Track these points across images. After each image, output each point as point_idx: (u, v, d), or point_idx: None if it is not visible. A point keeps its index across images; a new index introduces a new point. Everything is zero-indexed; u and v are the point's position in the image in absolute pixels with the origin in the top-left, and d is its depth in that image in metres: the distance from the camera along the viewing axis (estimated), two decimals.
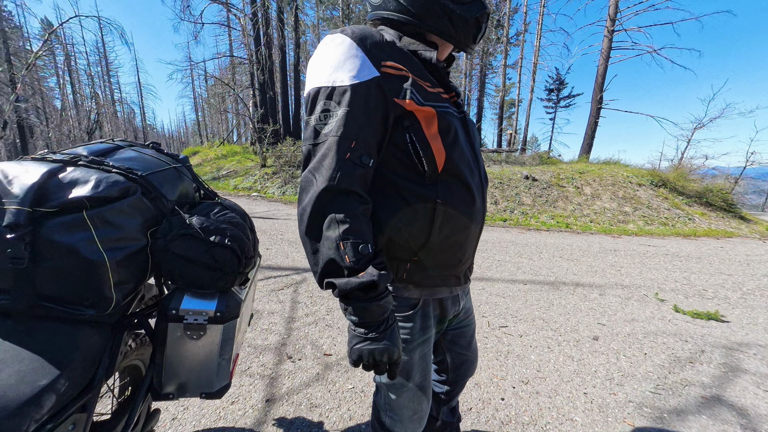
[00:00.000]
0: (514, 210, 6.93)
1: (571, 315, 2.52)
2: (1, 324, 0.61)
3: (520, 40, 16.97)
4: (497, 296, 2.82)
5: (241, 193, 8.64)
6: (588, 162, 10.35)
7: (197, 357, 0.78)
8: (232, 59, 18.73)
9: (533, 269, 3.58)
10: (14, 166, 0.63)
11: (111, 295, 0.66)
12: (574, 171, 8.38)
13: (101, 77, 28.51)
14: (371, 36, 0.59)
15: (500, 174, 8.17)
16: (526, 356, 1.95)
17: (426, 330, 0.74)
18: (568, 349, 2.05)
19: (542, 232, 5.74)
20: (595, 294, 2.96)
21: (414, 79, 0.61)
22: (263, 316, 2.28)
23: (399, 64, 0.60)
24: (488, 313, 2.49)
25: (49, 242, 0.60)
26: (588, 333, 2.26)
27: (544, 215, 6.76)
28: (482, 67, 17.82)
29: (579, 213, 6.86)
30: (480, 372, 1.78)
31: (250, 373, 1.69)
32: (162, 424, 1.34)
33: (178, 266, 0.73)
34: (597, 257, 4.18)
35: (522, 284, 3.12)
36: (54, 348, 0.61)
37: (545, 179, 7.91)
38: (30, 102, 16.92)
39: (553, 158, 11.43)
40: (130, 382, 1.00)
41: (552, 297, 2.85)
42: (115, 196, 0.65)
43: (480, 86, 18.28)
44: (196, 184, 0.93)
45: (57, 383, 0.57)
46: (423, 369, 0.76)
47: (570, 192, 7.54)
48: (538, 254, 4.19)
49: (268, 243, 4.06)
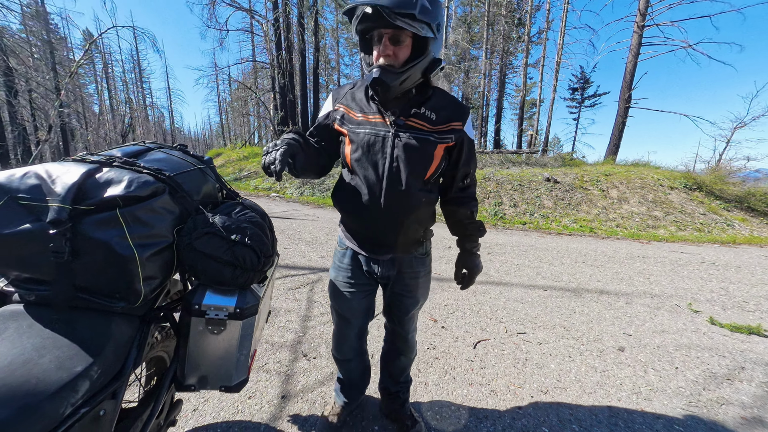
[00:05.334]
0: (534, 213, 6.72)
1: (594, 324, 2.41)
2: (43, 313, 0.66)
3: (542, 38, 16.47)
4: (515, 301, 2.74)
5: (261, 194, 8.90)
6: (614, 164, 9.87)
7: (217, 351, 0.81)
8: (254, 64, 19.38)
9: (554, 275, 3.45)
10: (57, 167, 0.68)
11: (140, 289, 0.69)
12: (600, 173, 8.02)
13: (135, 83, 30.29)
14: (337, 90, 1.07)
15: (520, 176, 7.95)
16: (546, 365, 1.88)
17: (343, 264, 1.12)
18: (591, 359, 1.96)
19: (564, 237, 5.53)
20: (621, 302, 2.81)
21: (345, 112, 1.01)
22: (280, 314, 2.33)
23: (342, 105, 1.02)
24: (506, 319, 2.42)
25: (86, 238, 0.64)
26: (613, 343, 2.15)
27: (566, 219, 6.51)
28: (502, 67, 17.44)
29: (604, 217, 6.56)
30: (496, 378, 1.74)
31: (266, 369, 1.73)
32: (184, 414, 1.39)
33: (201, 263, 0.76)
34: (624, 264, 3.97)
35: (542, 290, 3.02)
36: (89, 337, 0.65)
37: (568, 181, 7.62)
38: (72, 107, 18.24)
39: (576, 160, 11.00)
40: (155, 373, 1.05)
41: (574, 304, 2.74)
42: (146, 195, 0.69)
43: (500, 86, 17.88)
44: (219, 184, 0.97)
45: (91, 370, 0.60)
46: (339, 299, 1.15)
47: (594, 195, 7.22)
48: (560, 259, 4.04)
49: (286, 242, 4.15)
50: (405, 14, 0.80)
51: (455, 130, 0.98)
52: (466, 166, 1.05)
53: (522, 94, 16.50)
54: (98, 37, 13.01)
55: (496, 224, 6.23)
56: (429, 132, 0.95)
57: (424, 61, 0.90)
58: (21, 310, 0.66)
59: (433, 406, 1.52)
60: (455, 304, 2.63)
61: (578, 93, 24.91)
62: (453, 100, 1.02)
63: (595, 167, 9.09)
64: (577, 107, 25.29)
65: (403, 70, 0.87)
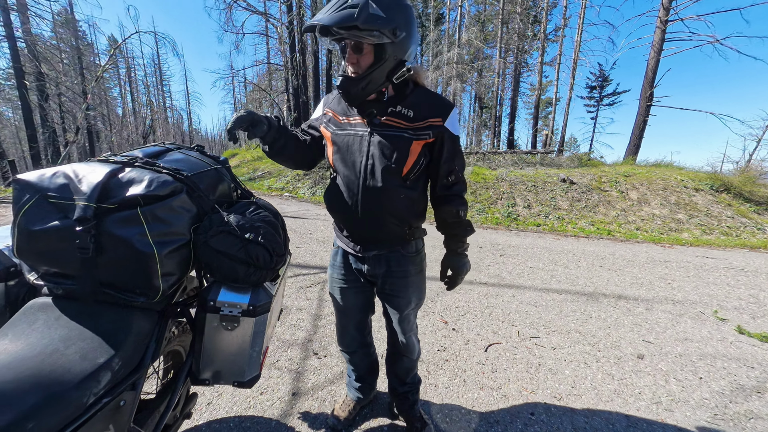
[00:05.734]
0: (548, 215, 6.57)
1: (612, 330, 2.33)
2: (70, 306, 0.69)
3: (558, 36, 16.06)
4: (528, 305, 2.68)
5: (274, 193, 9.05)
6: (635, 164, 9.52)
7: (231, 347, 0.83)
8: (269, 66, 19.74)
9: (569, 278, 3.36)
10: (83, 167, 0.71)
11: (159, 285, 0.72)
12: (619, 174, 7.76)
13: (156, 86, 31.41)
14: (327, 96, 1.15)
15: (534, 176, 7.78)
16: (560, 370, 1.83)
17: (336, 263, 1.19)
18: (608, 366, 1.89)
19: (580, 239, 5.38)
20: (641, 308, 2.71)
21: (332, 116, 1.07)
22: (291, 312, 2.37)
23: (329, 109, 1.10)
24: (518, 322, 2.38)
25: (109, 235, 0.67)
26: (632, 350, 2.07)
27: (582, 221, 6.33)
28: (516, 66, 17.10)
29: (623, 219, 6.33)
30: (508, 383, 1.70)
31: (278, 366, 1.76)
32: (198, 407, 1.43)
33: (216, 260, 0.78)
34: (644, 268, 3.82)
35: (556, 293, 2.94)
36: (111, 330, 0.68)
37: (585, 182, 7.40)
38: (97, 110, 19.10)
39: (594, 160, 10.66)
40: (172, 366, 1.09)
41: (590, 309, 2.65)
42: (165, 195, 0.72)
43: (514, 85, 17.54)
44: (234, 184, 0.99)
45: (112, 362, 0.63)
46: (335, 295, 1.22)
47: (613, 196, 6.98)
48: (575, 262, 3.93)
49: (298, 242, 4.21)
50: (349, 27, 0.84)
51: (433, 126, 0.99)
52: (448, 163, 1.04)
53: (537, 93, 16.14)
54: (122, 43, 13.58)
55: (509, 226, 6.12)
56: (404, 129, 0.98)
57: (384, 66, 0.93)
58: (50, 302, 0.69)
59: (443, 409, 1.50)
60: (466, 306, 2.60)
61: (596, 91, 24.14)
62: (433, 97, 1.03)
63: (613, 168, 8.79)
64: (595, 106, 24.52)
65: (362, 76, 0.93)
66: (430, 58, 17.15)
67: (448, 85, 15.27)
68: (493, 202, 7.07)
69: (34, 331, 0.63)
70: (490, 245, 4.53)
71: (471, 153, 10.11)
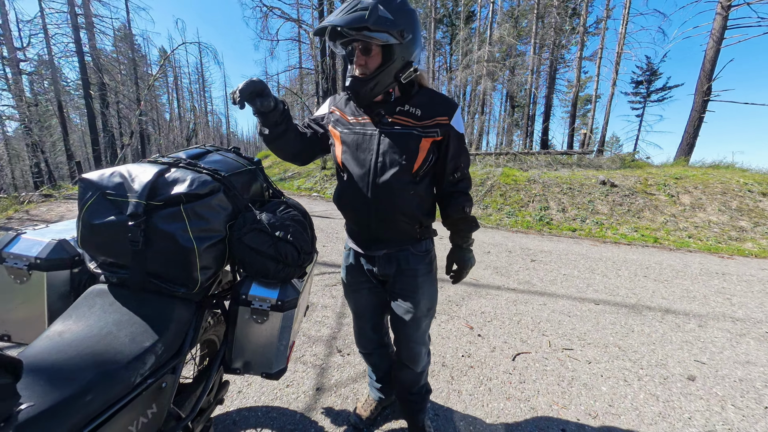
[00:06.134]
0: (586, 219, 6.16)
1: (657, 346, 2.13)
2: (122, 293, 0.77)
3: (600, 28, 15.02)
4: (561, 314, 2.53)
5: (303, 193, 9.36)
6: (688, 165, 8.65)
7: (260, 339, 0.87)
8: (300, 71, 20.48)
9: (608, 288, 3.12)
10: (136, 167, 0.78)
11: (197, 277, 0.77)
12: (668, 176, 7.08)
13: (198, 93, 33.80)
14: (334, 96, 1.16)
15: (570, 178, 7.34)
16: (596, 386, 1.71)
17: (348, 264, 1.19)
18: (652, 386, 1.74)
19: (621, 246, 4.98)
20: (693, 324, 2.45)
21: (340, 116, 1.09)
22: (317, 309, 2.43)
23: (336, 108, 1.11)
24: (549, 332, 2.25)
25: (156, 230, 0.73)
26: (680, 370, 1.88)
27: (624, 226, 5.86)
28: (552, 62, 16.22)
29: (673, 226, 5.77)
30: (537, 395, 1.62)
31: (303, 361, 1.81)
32: (230, 394, 1.52)
33: (248, 256, 0.82)
34: (697, 280, 3.46)
35: (593, 304, 2.75)
36: (156, 317, 0.74)
37: (628, 185, 6.85)
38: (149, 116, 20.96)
39: (639, 161, 9.84)
40: (207, 354, 1.16)
41: (632, 322, 2.45)
42: (204, 193, 0.77)
43: (549, 82, 16.65)
44: (266, 184, 1.04)
45: (156, 346, 0.69)
46: (349, 296, 1.24)
47: (661, 200, 6.39)
48: (615, 271, 3.65)
49: (325, 240, 4.32)
50: (359, 27, 0.86)
51: (441, 124, 1.01)
52: (455, 160, 1.07)
53: (575, 90, 15.20)
54: (171, 53, 14.78)
55: (541, 230, 5.82)
56: (413, 126, 1.00)
57: (392, 67, 0.95)
58: (105, 289, 0.77)
59: (467, 417, 1.46)
60: (493, 312, 2.51)
61: (643, 86, 22.27)
62: (439, 97, 1.06)
63: (662, 169, 8.05)
64: (642, 102, 22.63)
65: (370, 77, 0.95)
66: (459, 57, 16.80)
67: (478, 84, 14.87)
68: (524, 204, 6.76)
69: (93, 314, 0.70)
70: (520, 250, 4.34)
71: (501, 154, 9.76)
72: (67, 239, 0.85)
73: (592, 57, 15.34)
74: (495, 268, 3.51)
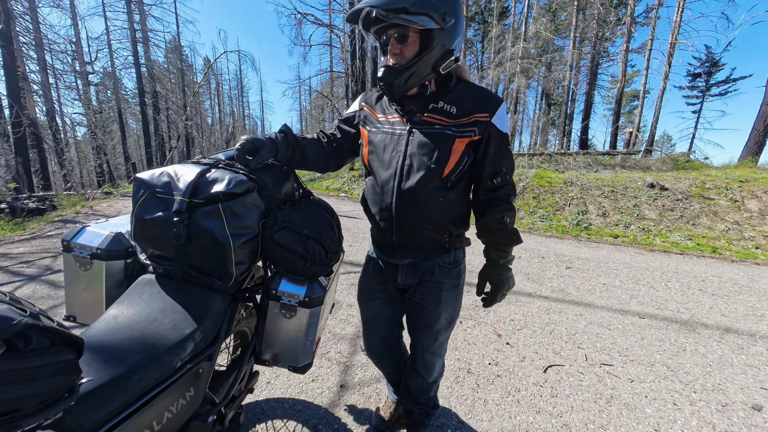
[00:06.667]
0: (630, 225, 5.67)
1: (714, 369, 1.91)
2: (167, 283, 0.83)
3: (650, 17, 13.78)
4: (599, 326, 2.35)
5: (331, 194, 9.59)
6: (756, 167, 7.66)
7: (288, 334, 0.90)
8: (331, 74, 21.05)
9: (655, 301, 2.85)
10: (181, 168, 0.85)
11: (232, 271, 0.82)
12: (731, 178, 6.32)
13: (237, 98, 35.98)
14: (365, 93, 1.10)
15: (612, 180, 6.81)
16: (638, 407, 1.57)
17: (368, 270, 1.14)
18: (708, 412, 1.56)
19: (672, 256, 4.52)
20: (760, 347, 2.16)
21: (369, 113, 1.04)
22: (342, 307, 2.47)
23: (366, 105, 1.06)
24: (586, 345, 2.10)
25: (197, 226, 0.79)
26: (743, 398, 1.66)
27: (676, 234, 5.32)
28: (594, 56, 15.14)
29: (736, 235, 5.14)
30: (570, 411, 1.52)
31: (328, 357, 1.85)
32: (259, 384, 1.59)
33: (279, 253, 0.85)
34: (765, 297, 3.04)
35: (637, 317, 2.52)
36: (196, 306, 0.79)
37: (681, 188, 6.21)
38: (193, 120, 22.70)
39: (695, 162, 8.89)
40: (240, 345, 1.23)
41: (684, 340, 2.21)
42: (240, 192, 0.81)
43: (590, 78, 15.54)
44: (296, 184, 1.08)
45: (195, 334, 0.74)
46: (363, 304, 1.17)
47: (721, 206, 5.72)
48: (665, 283, 3.32)
49: (351, 240, 4.38)
50: (397, 9, 0.78)
51: (479, 122, 0.90)
52: (494, 163, 0.94)
53: (620, 85, 14.08)
54: (213, 62, 15.89)
55: (578, 235, 5.46)
56: (446, 126, 0.90)
57: (430, 55, 0.85)
58: (153, 279, 0.84)
59: (493, 428, 1.41)
60: (523, 320, 2.39)
61: (702, 79, 20.10)
62: (480, 91, 0.94)
63: (724, 171, 7.21)
64: (700, 97, 20.45)
65: (405, 67, 0.86)
66: (492, 55, 16.28)
67: (511, 83, 14.31)
68: (560, 208, 6.39)
69: (142, 301, 0.77)
70: (554, 256, 4.11)
71: (535, 154, 9.31)
72: (122, 232, 0.94)
73: (641, 49, 14.11)
74: (526, 274, 3.35)
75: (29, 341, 0.41)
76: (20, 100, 9.01)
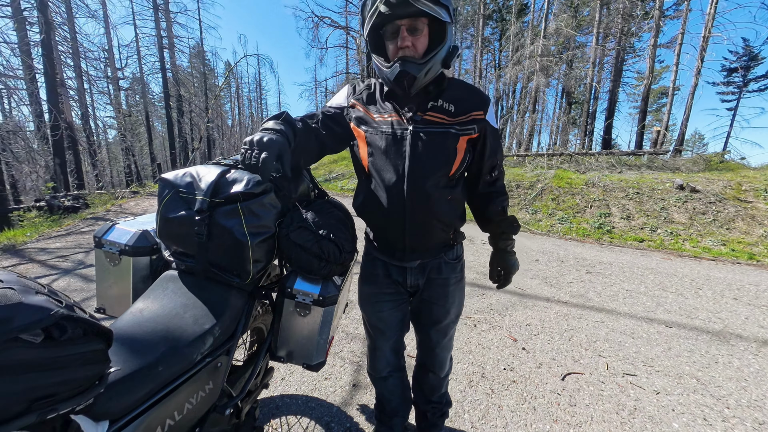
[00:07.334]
0: (657, 229, 5.40)
1: (750, 383, 1.78)
2: (189, 279, 0.87)
3: (681, 10, 13.06)
4: (622, 334, 2.25)
5: (347, 194, 9.68)
6: None
7: (302, 331, 0.92)
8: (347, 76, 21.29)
9: (684, 309, 2.70)
10: (203, 168, 0.88)
11: (250, 269, 0.84)
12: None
13: (256, 100, 37.01)
14: (354, 88, 1.01)
15: (638, 182, 6.50)
16: (665, 421, 1.49)
17: (372, 275, 1.08)
18: (743, 430, 1.46)
19: (703, 262, 4.27)
20: None
21: (364, 113, 0.96)
22: (355, 307, 2.48)
23: (359, 103, 0.98)
24: (607, 353, 2.02)
25: (217, 224, 0.82)
26: None
27: (708, 239, 5.01)
28: (618, 52, 14.50)
29: None
30: (590, 421, 1.46)
31: (341, 356, 1.87)
32: (274, 380, 1.62)
33: (294, 252, 0.87)
34: None
35: (663, 326, 2.40)
36: (215, 302, 0.82)
37: (714, 190, 5.85)
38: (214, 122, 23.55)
39: (730, 162, 8.35)
40: (256, 341, 1.26)
41: (716, 352, 2.08)
42: (258, 192, 0.84)
43: (614, 75, 14.87)
44: (312, 184, 1.10)
45: (214, 329, 0.76)
46: (371, 311, 1.11)
47: (760, 210, 5.34)
48: (695, 290, 3.13)
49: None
50: None
51: (477, 119, 0.92)
52: (492, 158, 0.99)
53: (647, 82, 13.42)
54: (234, 66, 16.45)
55: (600, 239, 5.25)
56: (449, 124, 0.89)
57: (444, 49, 0.85)
58: (176, 275, 0.88)
59: None
60: (540, 326, 2.33)
61: (738, 74, 18.89)
62: (471, 89, 0.96)
63: (762, 172, 6.73)
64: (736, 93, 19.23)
65: (426, 60, 0.83)
66: (510, 53, 15.93)
67: (530, 81, 13.95)
68: (580, 210, 6.16)
69: (166, 296, 0.80)
70: (574, 259, 3.97)
71: (554, 154, 9.03)
72: (149, 230, 0.99)
73: (670, 44, 13.41)
74: (544, 278, 3.25)
75: (65, 331, 0.44)
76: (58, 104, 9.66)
